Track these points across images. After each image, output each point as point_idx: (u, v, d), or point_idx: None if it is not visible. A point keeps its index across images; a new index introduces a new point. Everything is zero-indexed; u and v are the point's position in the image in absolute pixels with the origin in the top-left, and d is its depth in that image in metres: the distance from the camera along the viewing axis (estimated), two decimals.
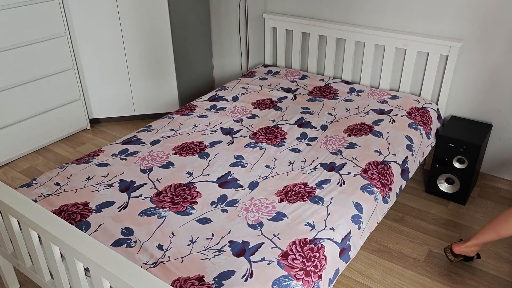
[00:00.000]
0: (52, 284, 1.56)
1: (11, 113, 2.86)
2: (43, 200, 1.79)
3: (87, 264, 1.24)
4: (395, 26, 2.69)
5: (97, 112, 3.34)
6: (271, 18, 3.13)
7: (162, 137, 2.24)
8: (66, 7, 2.95)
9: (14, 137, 2.92)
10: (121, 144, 2.20)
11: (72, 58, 3.09)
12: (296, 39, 3.07)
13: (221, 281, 1.38)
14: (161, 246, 1.54)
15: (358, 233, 1.70)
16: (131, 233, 1.61)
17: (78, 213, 1.70)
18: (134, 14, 3.04)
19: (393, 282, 1.98)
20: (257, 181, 1.89)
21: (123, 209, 1.73)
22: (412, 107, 2.49)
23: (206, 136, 2.24)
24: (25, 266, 1.64)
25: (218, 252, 1.51)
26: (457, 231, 2.29)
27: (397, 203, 2.49)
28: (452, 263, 2.08)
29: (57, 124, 3.16)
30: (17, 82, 2.84)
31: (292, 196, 1.78)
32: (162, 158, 2.05)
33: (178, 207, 1.73)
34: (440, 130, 2.52)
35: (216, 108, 2.57)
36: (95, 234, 1.61)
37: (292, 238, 1.55)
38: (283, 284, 1.38)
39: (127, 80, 3.25)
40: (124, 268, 1.18)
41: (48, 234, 1.34)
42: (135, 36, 3.11)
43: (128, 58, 3.17)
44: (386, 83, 2.81)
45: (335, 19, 2.91)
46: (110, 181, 1.90)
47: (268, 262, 1.45)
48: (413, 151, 2.16)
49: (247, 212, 1.69)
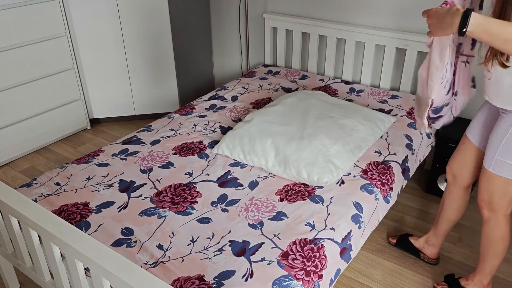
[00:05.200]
0: (52, 284, 1.56)
1: (11, 113, 2.86)
2: (43, 200, 1.79)
3: (87, 264, 1.24)
4: (396, 26, 2.69)
5: (97, 112, 3.34)
6: (271, 18, 3.13)
7: (162, 137, 2.24)
8: (66, 7, 2.95)
9: (14, 137, 2.92)
10: (121, 144, 2.20)
11: (72, 58, 3.09)
12: (296, 39, 3.07)
13: (221, 281, 1.38)
14: (161, 246, 1.54)
15: (359, 232, 1.70)
16: (131, 233, 1.61)
17: (78, 213, 1.70)
18: (134, 14, 3.04)
19: (393, 282, 1.98)
20: (257, 180, 1.89)
21: (123, 209, 1.73)
22: (412, 107, 2.48)
23: (205, 136, 2.24)
24: (25, 266, 1.64)
25: (219, 252, 1.51)
26: (457, 231, 2.29)
27: (397, 203, 2.49)
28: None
29: (57, 124, 3.16)
30: (17, 82, 2.84)
31: (292, 195, 1.78)
32: (162, 158, 2.05)
33: (178, 207, 1.73)
34: (440, 130, 2.51)
35: (215, 107, 2.57)
36: (95, 234, 1.61)
37: (292, 238, 1.55)
38: (283, 284, 1.38)
39: (127, 80, 3.25)
40: (124, 268, 1.18)
41: (48, 234, 1.34)
42: (135, 36, 3.11)
43: (128, 58, 3.17)
44: (386, 83, 2.81)
45: (335, 19, 2.91)
46: (110, 181, 1.90)
47: (268, 262, 1.45)
48: (413, 150, 2.16)
49: (248, 212, 1.69)
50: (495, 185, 1.58)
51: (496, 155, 1.52)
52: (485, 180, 1.61)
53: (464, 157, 1.76)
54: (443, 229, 1.97)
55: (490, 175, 1.57)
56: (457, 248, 2.18)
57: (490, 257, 1.74)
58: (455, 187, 1.85)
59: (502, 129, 1.49)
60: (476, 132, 1.70)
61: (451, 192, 1.87)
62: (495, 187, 1.58)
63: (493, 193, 1.60)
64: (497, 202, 1.60)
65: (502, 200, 1.59)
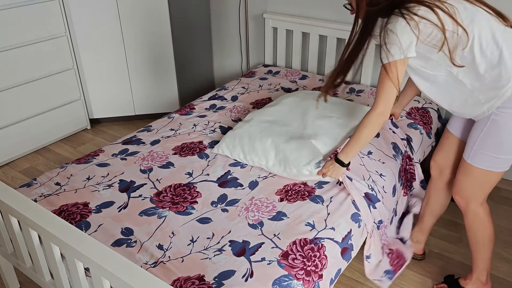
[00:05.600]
0: (52, 284, 1.56)
1: (11, 113, 2.86)
2: (43, 200, 1.79)
3: (87, 264, 1.24)
4: None
5: (97, 112, 3.34)
6: (271, 18, 3.13)
7: (162, 137, 2.24)
8: (66, 7, 2.95)
9: (14, 137, 2.92)
10: (121, 144, 2.20)
11: (72, 58, 3.09)
12: (296, 39, 3.07)
13: (221, 281, 1.38)
14: (161, 246, 1.54)
15: (359, 231, 1.70)
16: (131, 233, 1.61)
17: (78, 213, 1.70)
18: (134, 14, 3.04)
19: (393, 282, 1.98)
20: (257, 180, 1.89)
21: (123, 209, 1.73)
22: (412, 107, 2.48)
23: (205, 136, 2.24)
24: (25, 266, 1.64)
25: (219, 252, 1.51)
26: (457, 231, 2.29)
27: None
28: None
29: (57, 124, 3.16)
30: (17, 82, 2.84)
31: (292, 195, 1.78)
32: (162, 158, 2.05)
33: (178, 207, 1.73)
34: (440, 130, 2.51)
35: (215, 107, 2.57)
36: (95, 234, 1.61)
37: (292, 238, 1.55)
38: (284, 284, 1.38)
39: (127, 80, 3.25)
40: (124, 268, 1.18)
41: (48, 234, 1.34)
42: (135, 36, 3.11)
43: (128, 58, 3.17)
44: None
45: (335, 19, 2.91)
46: (110, 181, 1.90)
47: (268, 262, 1.45)
48: (413, 150, 2.16)
49: (248, 212, 1.69)
50: (472, 176, 1.61)
51: (475, 146, 1.56)
52: (463, 172, 1.64)
53: (449, 150, 1.80)
54: (430, 223, 2.01)
55: (468, 167, 1.61)
56: (457, 248, 2.18)
57: (479, 250, 1.76)
58: (440, 182, 1.89)
59: (482, 123, 1.54)
60: (457, 125, 1.74)
61: (437, 187, 1.91)
62: (472, 179, 1.62)
63: (470, 184, 1.63)
64: (473, 193, 1.65)
65: (478, 191, 1.64)
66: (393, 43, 1.45)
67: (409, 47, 1.46)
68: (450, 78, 1.51)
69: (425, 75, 1.57)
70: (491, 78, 1.45)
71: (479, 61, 1.44)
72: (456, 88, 1.53)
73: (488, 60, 1.43)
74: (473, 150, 1.57)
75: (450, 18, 1.41)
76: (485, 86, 1.47)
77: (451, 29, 1.42)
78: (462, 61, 1.45)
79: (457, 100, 1.56)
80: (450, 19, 1.41)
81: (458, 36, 1.42)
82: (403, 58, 1.48)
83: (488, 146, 1.53)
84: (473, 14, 1.43)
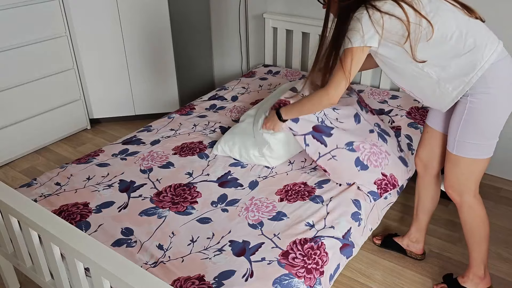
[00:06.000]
0: (52, 284, 1.56)
1: (11, 113, 2.86)
2: (43, 200, 1.79)
3: (87, 264, 1.24)
4: None
5: (97, 112, 3.34)
6: (271, 18, 3.13)
7: (162, 137, 2.24)
8: (66, 7, 2.95)
9: (14, 137, 2.92)
10: (121, 144, 2.21)
11: (72, 58, 3.09)
12: (296, 39, 3.07)
13: (221, 281, 1.38)
14: (161, 246, 1.54)
15: (359, 230, 1.70)
16: (131, 233, 1.61)
17: (78, 213, 1.71)
18: (134, 14, 3.04)
19: (393, 282, 1.98)
20: (257, 180, 1.89)
21: (123, 209, 1.73)
22: (412, 107, 2.49)
23: (205, 136, 2.24)
24: (25, 266, 1.64)
25: (219, 252, 1.51)
26: (457, 231, 2.29)
27: (397, 203, 2.49)
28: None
29: (57, 124, 3.16)
30: (17, 82, 2.84)
31: (292, 195, 1.78)
32: (162, 158, 2.05)
33: (178, 207, 1.73)
34: None
35: (215, 107, 2.57)
36: (95, 234, 1.61)
37: (292, 238, 1.55)
38: (284, 283, 1.38)
39: (127, 80, 3.25)
40: (124, 268, 1.18)
41: (48, 234, 1.34)
42: (135, 36, 3.11)
43: (128, 58, 3.17)
44: (386, 83, 2.81)
45: None
46: (110, 181, 1.90)
47: (268, 262, 1.45)
48: (412, 150, 2.16)
49: (248, 212, 1.70)
50: (460, 167, 1.62)
51: (457, 136, 1.57)
52: (450, 164, 1.65)
53: (431, 145, 1.81)
54: (424, 221, 2.01)
55: (455, 158, 1.62)
56: (457, 248, 2.18)
57: (475, 244, 1.76)
58: (427, 177, 1.89)
59: (459, 113, 1.55)
60: (435, 119, 1.76)
61: (425, 183, 1.92)
62: (460, 169, 1.62)
63: (459, 175, 1.64)
64: (464, 184, 1.65)
65: (469, 181, 1.64)
66: (356, 30, 1.50)
67: (371, 38, 1.50)
68: (415, 71, 1.55)
69: (393, 67, 1.60)
70: (456, 66, 1.48)
71: (444, 51, 1.48)
72: (423, 80, 1.56)
73: (453, 49, 1.47)
74: (456, 141, 1.59)
75: (414, 11, 1.46)
76: (451, 75, 1.50)
77: (414, 21, 1.46)
78: (427, 53, 1.49)
79: (426, 91, 1.58)
80: (414, 11, 1.46)
81: (422, 28, 1.46)
82: (362, 47, 1.52)
83: (469, 134, 1.54)
84: (438, 7, 1.49)
